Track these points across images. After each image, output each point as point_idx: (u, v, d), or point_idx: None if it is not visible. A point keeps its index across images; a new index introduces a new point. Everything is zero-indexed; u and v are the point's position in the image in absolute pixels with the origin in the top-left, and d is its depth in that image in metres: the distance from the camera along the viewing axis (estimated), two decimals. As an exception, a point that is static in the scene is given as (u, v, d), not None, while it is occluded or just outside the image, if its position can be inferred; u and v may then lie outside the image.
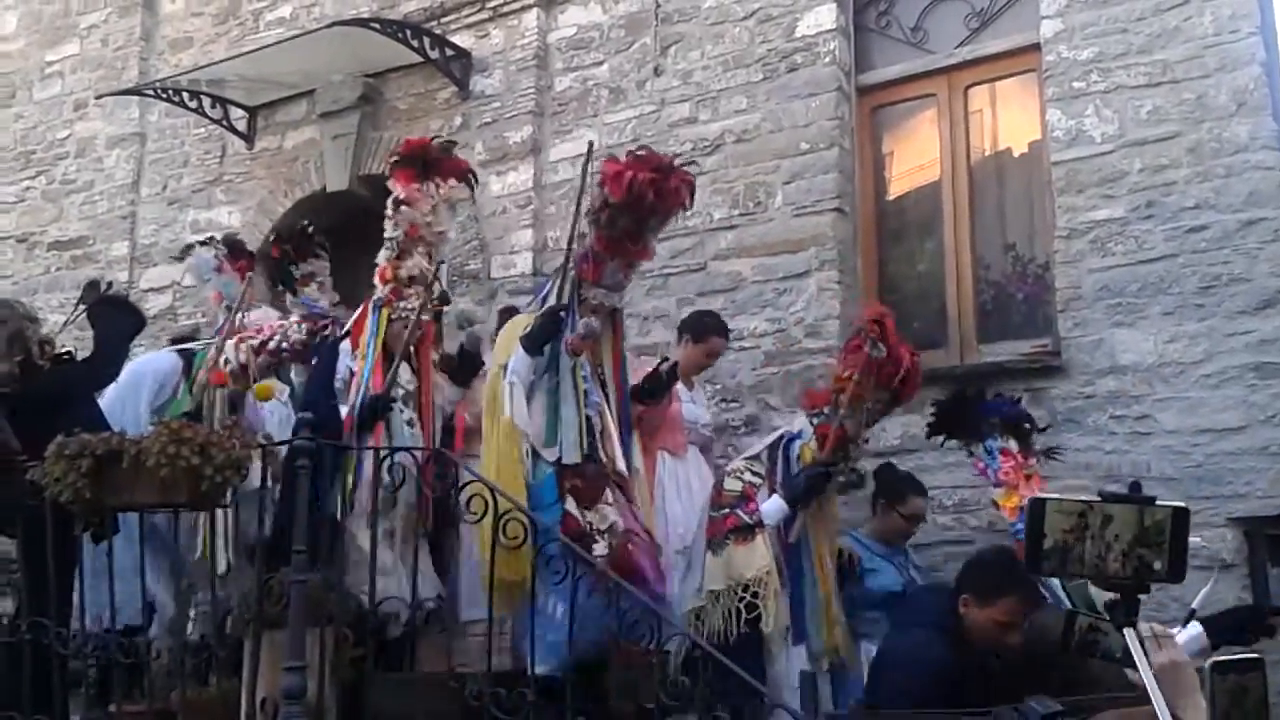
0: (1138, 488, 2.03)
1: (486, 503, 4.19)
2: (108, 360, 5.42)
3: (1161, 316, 5.66)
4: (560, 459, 4.69)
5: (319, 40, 7.71)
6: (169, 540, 4.72)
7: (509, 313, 5.81)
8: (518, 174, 7.47)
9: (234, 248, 6.36)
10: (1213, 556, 5.20)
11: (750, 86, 6.89)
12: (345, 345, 5.13)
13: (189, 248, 6.68)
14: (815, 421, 5.08)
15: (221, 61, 8.26)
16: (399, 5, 8.11)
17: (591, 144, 5.23)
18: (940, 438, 5.65)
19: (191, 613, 5.14)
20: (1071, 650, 2.03)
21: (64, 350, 5.44)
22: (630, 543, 4.62)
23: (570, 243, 4.96)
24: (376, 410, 4.84)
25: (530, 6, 7.61)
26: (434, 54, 7.68)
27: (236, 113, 8.61)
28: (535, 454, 4.70)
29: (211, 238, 6.62)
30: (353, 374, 5.01)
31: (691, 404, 5.91)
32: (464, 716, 4.09)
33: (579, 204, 4.99)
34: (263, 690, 4.16)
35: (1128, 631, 1.86)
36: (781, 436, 5.21)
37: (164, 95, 8.53)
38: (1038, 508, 1.91)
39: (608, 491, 4.75)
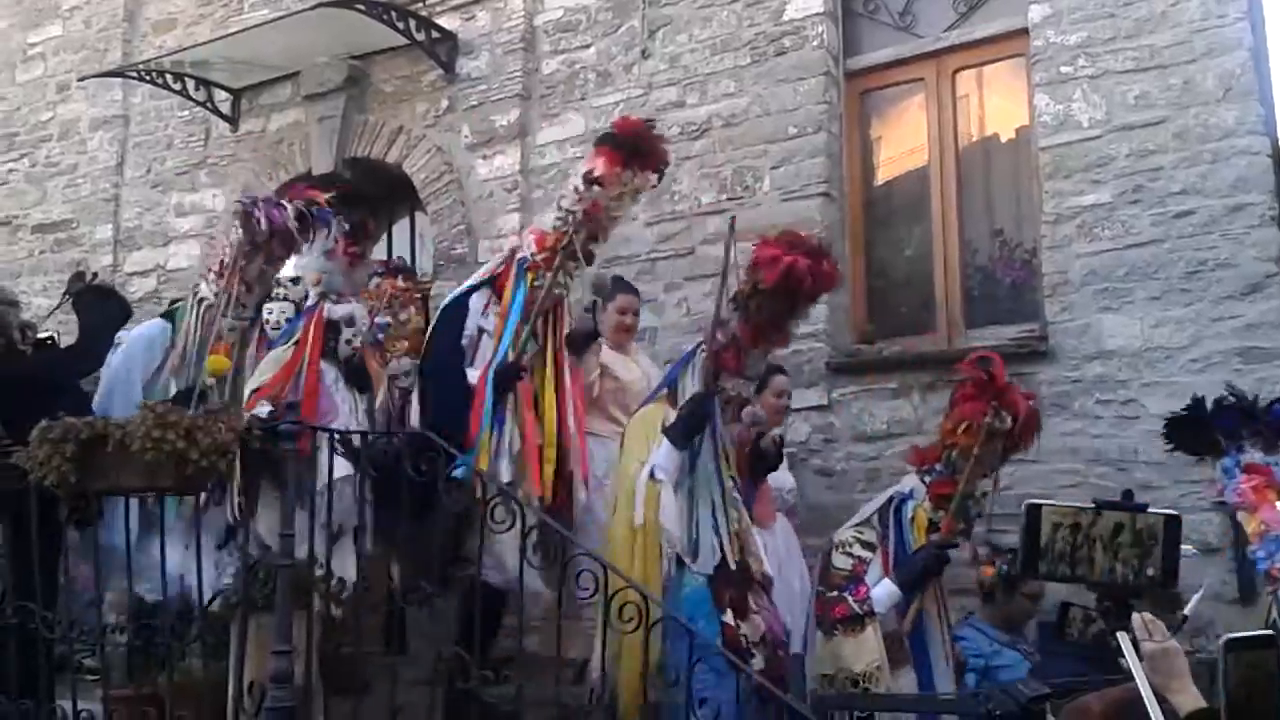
0: (1130, 495, 2.04)
1: (639, 611, 3.96)
2: (91, 348, 5.40)
3: (1148, 301, 5.68)
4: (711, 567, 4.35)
5: (304, 22, 7.65)
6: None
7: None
8: (504, 157, 7.44)
9: (356, 230, 6.01)
10: (1201, 542, 5.22)
11: (738, 70, 6.87)
12: (474, 302, 5.01)
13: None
14: (927, 480, 4.64)
15: (205, 43, 8.19)
16: (385, -13, 8.05)
17: (734, 220, 4.93)
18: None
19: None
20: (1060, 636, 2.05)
21: (46, 335, 5.42)
22: (780, 650, 4.38)
23: (714, 330, 4.59)
24: (509, 376, 4.75)
25: (517, -11, 7.57)
26: (420, 36, 7.64)
27: (221, 95, 8.55)
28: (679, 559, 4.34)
29: (331, 201, 6.19)
30: (481, 332, 4.92)
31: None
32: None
33: (722, 287, 4.65)
34: (250, 674, 4.16)
35: (1120, 635, 1.87)
36: (891, 499, 4.69)
37: (147, 77, 8.46)
38: (1033, 513, 1.93)
39: (753, 598, 4.44)
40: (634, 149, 4.94)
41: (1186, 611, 1.82)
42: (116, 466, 4.14)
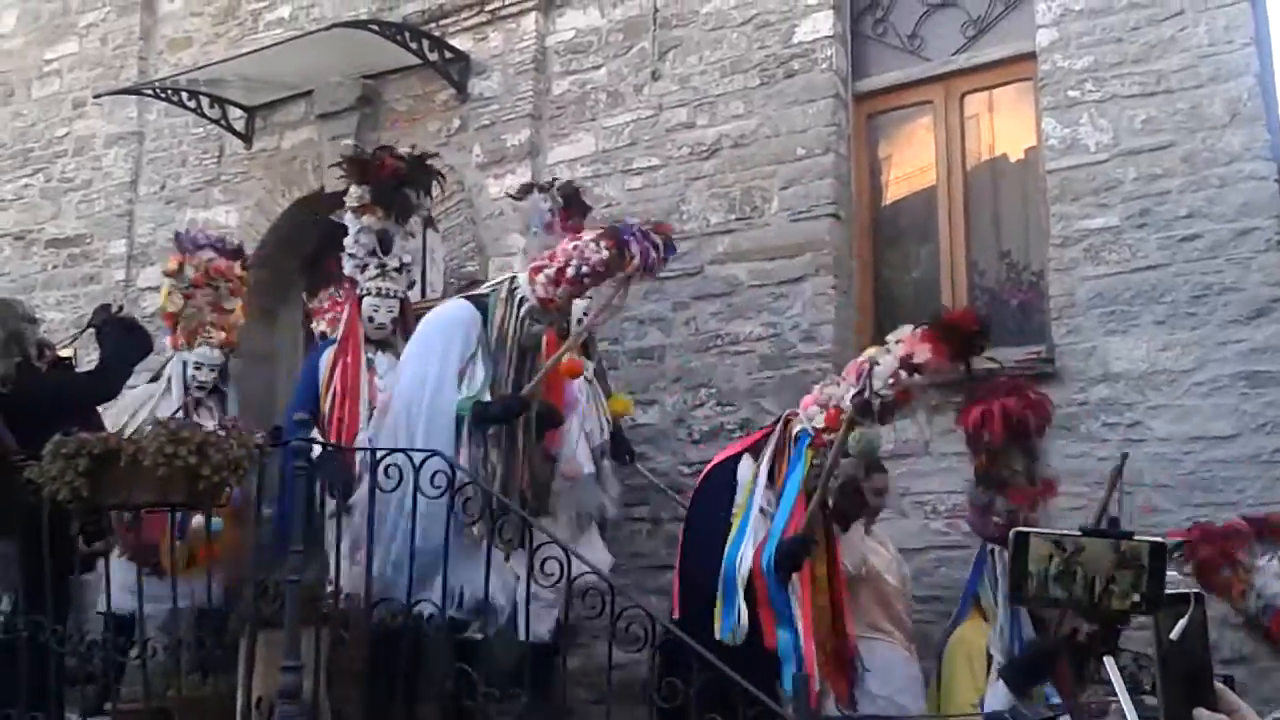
0: (1116, 523, 2.09)
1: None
2: (110, 377, 5.44)
3: (1154, 325, 5.69)
4: None
5: (318, 41, 7.72)
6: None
7: None
8: (515, 176, 7.48)
9: (571, 200, 6.12)
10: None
11: (748, 92, 6.91)
12: (743, 472, 4.64)
13: (527, 188, 6.40)
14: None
15: (220, 62, 8.27)
16: (398, 7, 8.13)
17: (1124, 459, 4.71)
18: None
19: None
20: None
21: (64, 355, 5.47)
22: None
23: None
24: (798, 554, 4.37)
25: (529, 10, 7.63)
26: (432, 56, 7.71)
27: (235, 113, 8.62)
28: None
29: (553, 181, 6.37)
30: (755, 509, 4.50)
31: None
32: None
33: (1101, 515, 4.38)
34: (258, 689, 4.18)
35: (1107, 660, 1.91)
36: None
37: (162, 95, 8.54)
38: (1020, 540, 1.97)
39: None
40: (966, 341, 4.64)
41: (1172, 635, 1.84)
42: (129, 482, 4.18)
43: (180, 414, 5.72)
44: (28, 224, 9.59)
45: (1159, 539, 1.90)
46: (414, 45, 7.62)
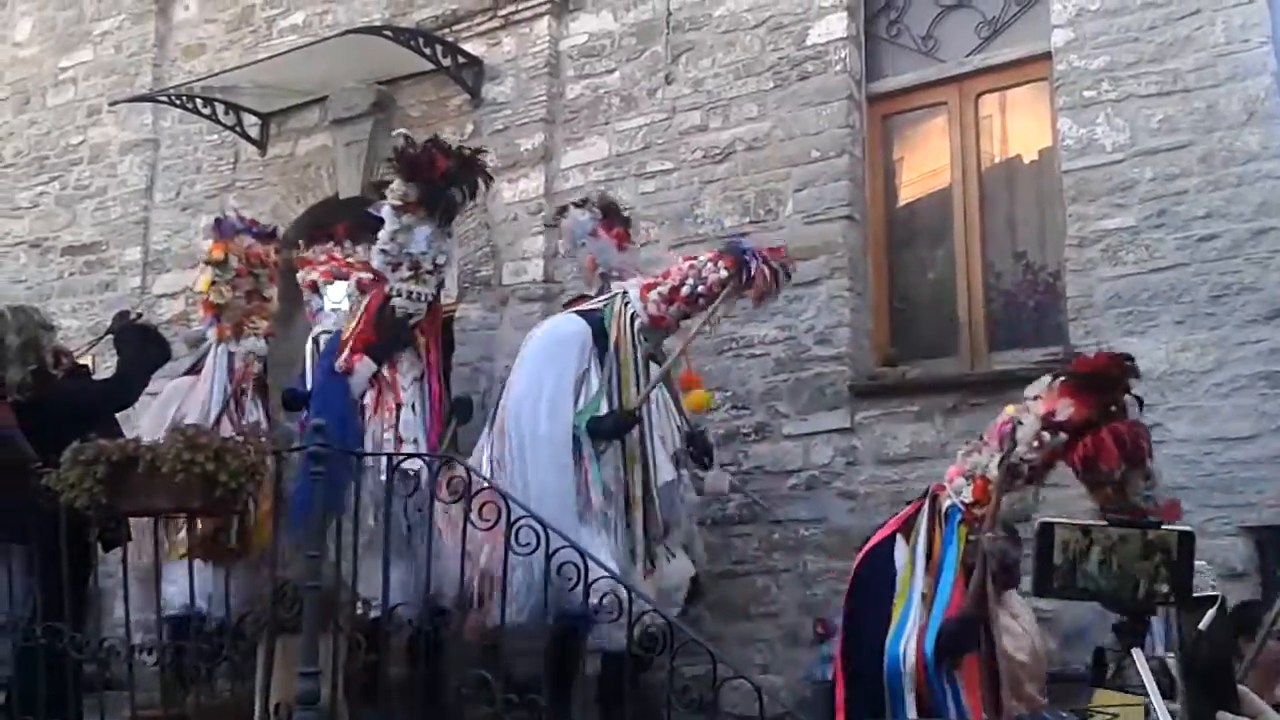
0: (1143, 513, 2.06)
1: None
2: (127, 385, 5.44)
3: (1173, 325, 5.66)
4: None
5: (332, 48, 7.73)
6: None
7: None
8: (529, 181, 7.49)
9: (609, 210, 6.14)
10: (1225, 566, 5.20)
11: (761, 94, 6.90)
12: (899, 557, 4.28)
13: (563, 210, 6.45)
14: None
15: (235, 68, 8.30)
16: (411, 13, 8.14)
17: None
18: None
19: None
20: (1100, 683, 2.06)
21: (82, 363, 5.47)
22: None
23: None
24: (961, 637, 3.96)
25: (542, 14, 7.63)
26: (446, 62, 7.71)
27: (249, 119, 8.64)
28: None
29: (586, 199, 6.39)
30: (916, 597, 4.14)
31: None
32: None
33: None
34: (276, 695, 4.18)
35: (1135, 651, 1.89)
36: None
37: (177, 102, 8.56)
38: (1046, 530, 1.94)
39: None
40: (1109, 387, 4.29)
41: (1201, 627, 1.83)
42: (147, 488, 4.19)
43: (228, 406, 5.62)
44: (44, 231, 9.62)
45: (1187, 528, 1.88)
46: (428, 51, 7.62)
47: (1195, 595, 1.89)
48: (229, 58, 8.83)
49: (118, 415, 5.50)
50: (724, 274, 5.24)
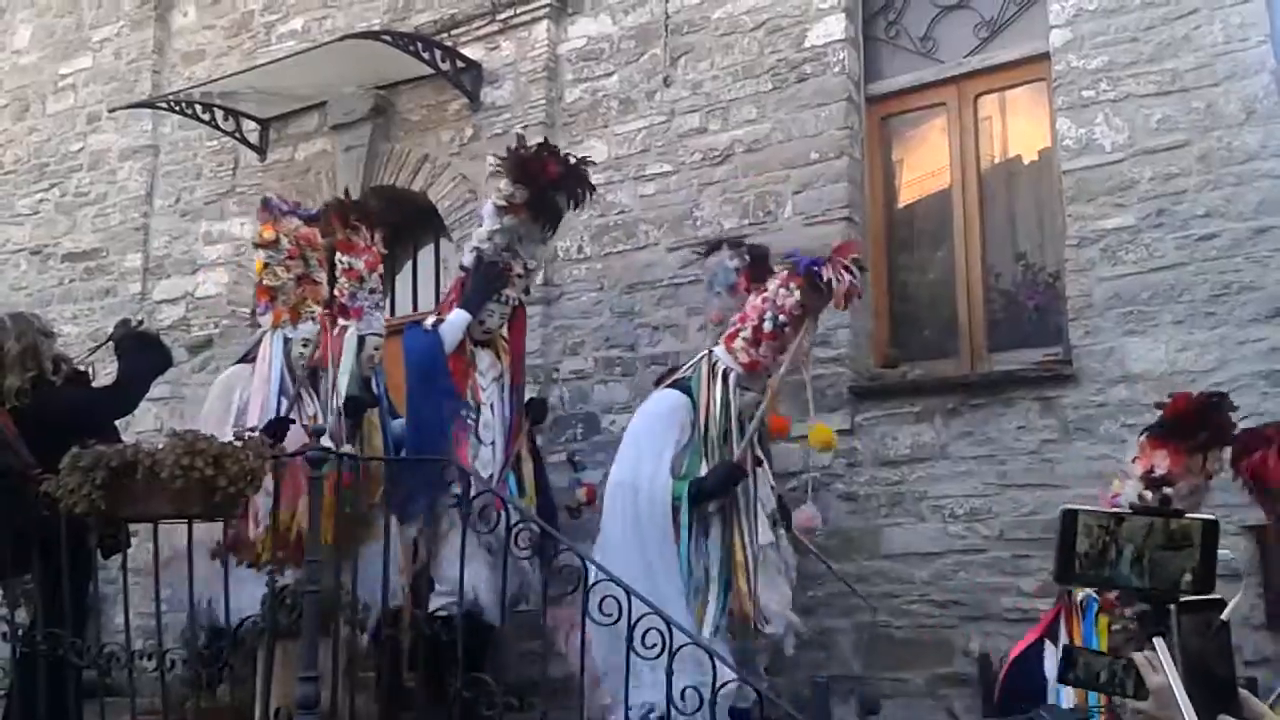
0: (1167, 500, 2.07)
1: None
2: (127, 394, 5.40)
3: (1173, 325, 5.66)
4: None
5: (331, 53, 7.74)
6: None
7: None
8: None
9: (758, 260, 5.89)
10: (1227, 566, 5.18)
11: (760, 96, 6.90)
12: (1049, 665, 4.16)
13: (716, 245, 6.21)
14: None
15: (234, 74, 8.30)
16: (410, 18, 8.15)
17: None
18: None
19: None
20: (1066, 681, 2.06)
21: (81, 370, 5.45)
22: None
23: None
24: None
25: (540, 18, 7.64)
26: (445, 66, 7.71)
27: (249, 125, 8.65)
28: None
29: (741, 242, 6.14)
30: None
31: None
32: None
33: None
34: (276, 700, 4.18)
35: (1157, 640, 1.88)
36: None
37: (176, 108, 8.57)
38: (1069, 519, 1.93)
39: None
40: (1201, 427, 4.21)
41: (1224, 616, 1.82)
42: (146, 494, 4.19)
43: (285, 392, 5.42)
44: (44, 238, 9.63)
45: (1211, 517, 1.87)
46: (426, 55, 7.63)
47: (1197, 599, 1.87)
48: (228, 63, 8.84)
49: (122, 417, 5.50)
50: (798, 295, 5.15)
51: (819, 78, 6.74)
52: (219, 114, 8.53)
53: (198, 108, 8.48)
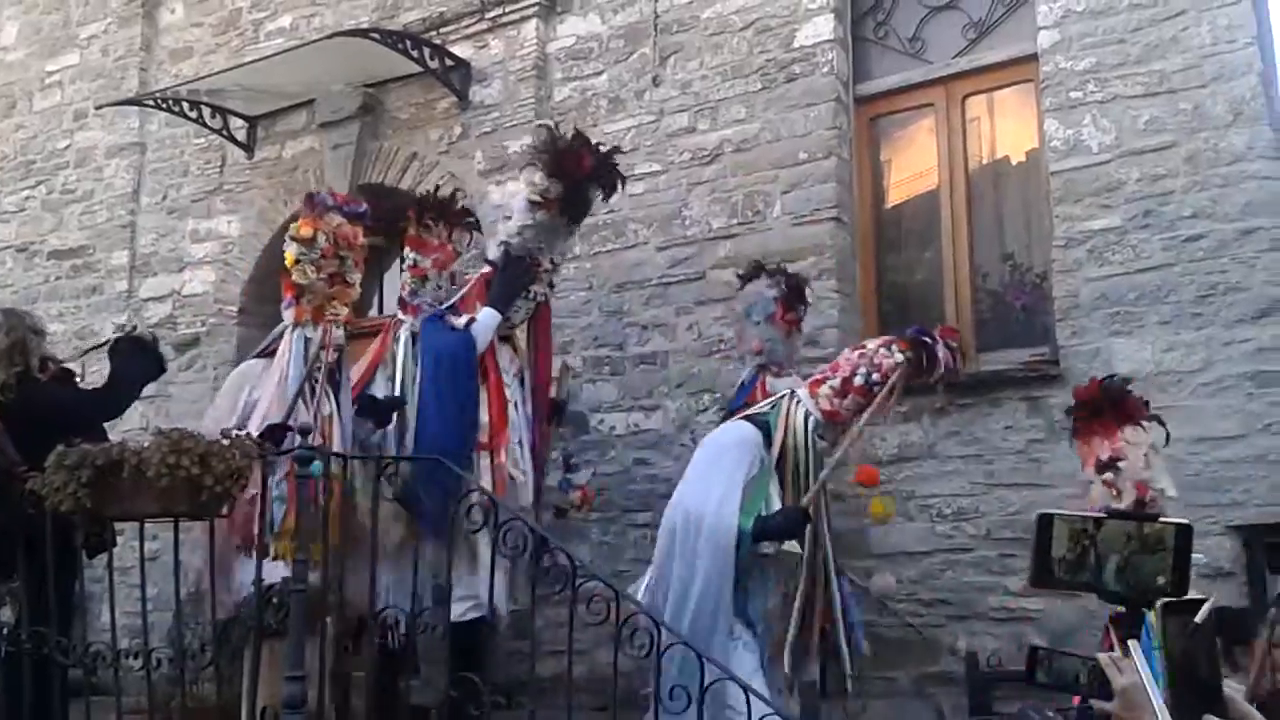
0: (1141, 505, 2.09)
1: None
2: (116, 396, 5.36)
3: (1159, 325, 5.68)
4: None
5: (319, 51, 7.72)
6: None
7: None
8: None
9: (794, 289, 5.79)
10: (1212, 565, 5.21)
11: (749, 96, 6.90)
12: None
13: (757, 269, 5.96)
14: None
15: (221, 72, 8.28)
16: (399, 16, 8.14)
17: None
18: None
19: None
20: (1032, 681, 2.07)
21: (69, 368, 5.42)
22: None
23: None
24: None
25: (529, 17, 7.63)
26: (434, 64, 7.70)
27: (236, 122, 8.63)
28: None
29: (778, 268, 5.97)
30: None
31: None
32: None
33: None
34: (263, 699, 4.17)
35: (1131, 643, 1.90)
36: None
37: (164, 105, 8.54)
38: (1045, 522, 1.95)
39: None
40: (1104, 404, 4.44)
41: (1198, 619, 1.83)
42: (132, 493, 4.17)
43: (307, 391, 5.27)
44: (30, 236, 9.59)
45: (1184, 521, 1.89)
46: (415, 53, 7.61)
47: (1180, 599, 1.89)
48: (216, 61, 8.81)
49: (107, 420, 5.46)
50: (899, 358, 5.02)
51: (808, 78, 6.74)
52: (206, 111, 8.50)
53: (185, 105, 8.45)
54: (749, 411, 5.28)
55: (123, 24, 9.50)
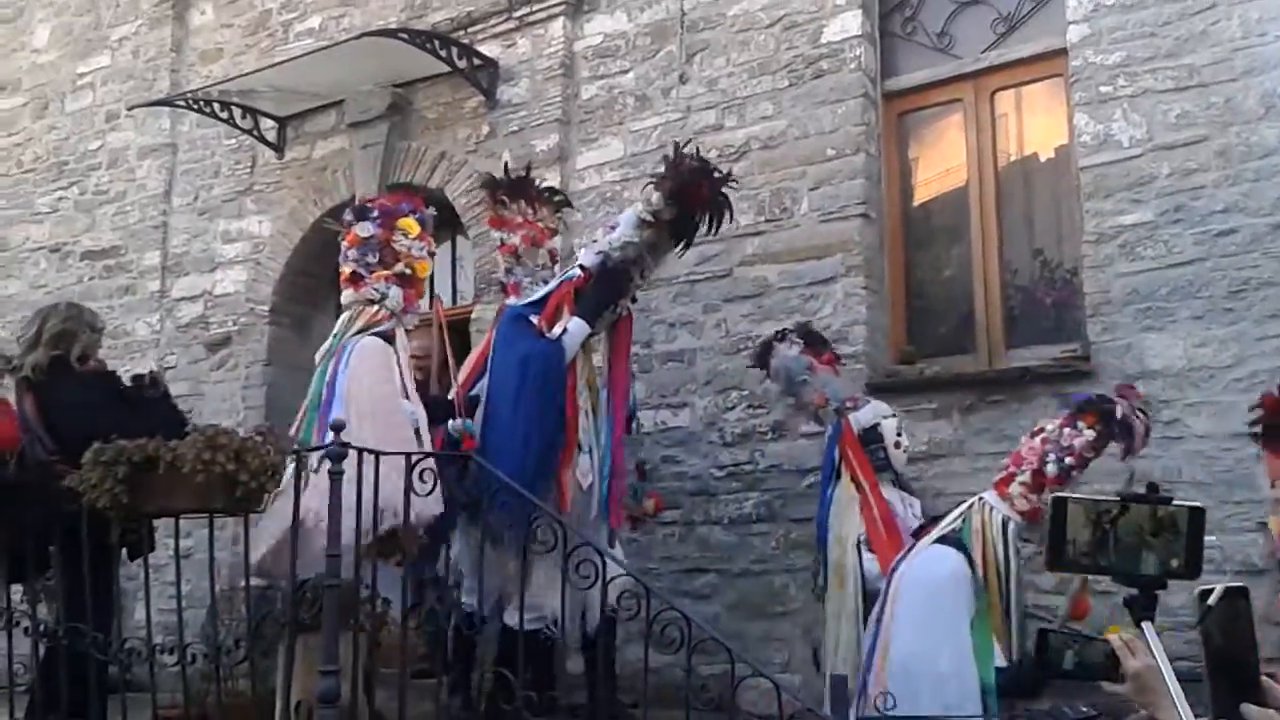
0: (1155, 488, 2.10)
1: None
2: (165, 427, 5.19)
3: (1191, 321, 5.65)
4: None
5: (348, 51, 7.77)
6: None
7: None
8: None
9: (810, 338, 5.83)
10: (1244, 561, 5.18)
11: (776, 93, 6.90)
12: None
13: (768, 349, 5.95)
14: None
15: (252, 72, 8.34)
16: (427, 16, 8.17)
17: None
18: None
19: None
20: (1041, 666, 2.07)
21: (109, 370, 5.47)
22: None
23: None
24: None
25: (556, 16, 7.65)
26: (461, 64, 7.74)
27: (266, 123, 8.69)
28: None
29: (785, 332, 5.93)
30: None
31: None
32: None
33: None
34: (297, 694, 4.20)
35: (1145, 625, 1.91)
36: None
37: (195, 106, 8.61)
38: (1060, 506, 1.96)
39: None
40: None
41: (1210, 602, 1.83)
42: (168, 489, 4.20)
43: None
44: (63, 236, 9.68)
45: (1197, 504, 1.90)
46: (443, 53, 7.65)
47: (1228, 586, 1.89)
48: (246, 62, 8.88)
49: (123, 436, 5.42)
50: (1090, 435, 4.65)
51: (835, 74, 6.74)
52: (237, 112, 8.57)
53: (215, 106, 8.52)
54: (940, 530, 4.77)
55: (154, 25, 9.58)
